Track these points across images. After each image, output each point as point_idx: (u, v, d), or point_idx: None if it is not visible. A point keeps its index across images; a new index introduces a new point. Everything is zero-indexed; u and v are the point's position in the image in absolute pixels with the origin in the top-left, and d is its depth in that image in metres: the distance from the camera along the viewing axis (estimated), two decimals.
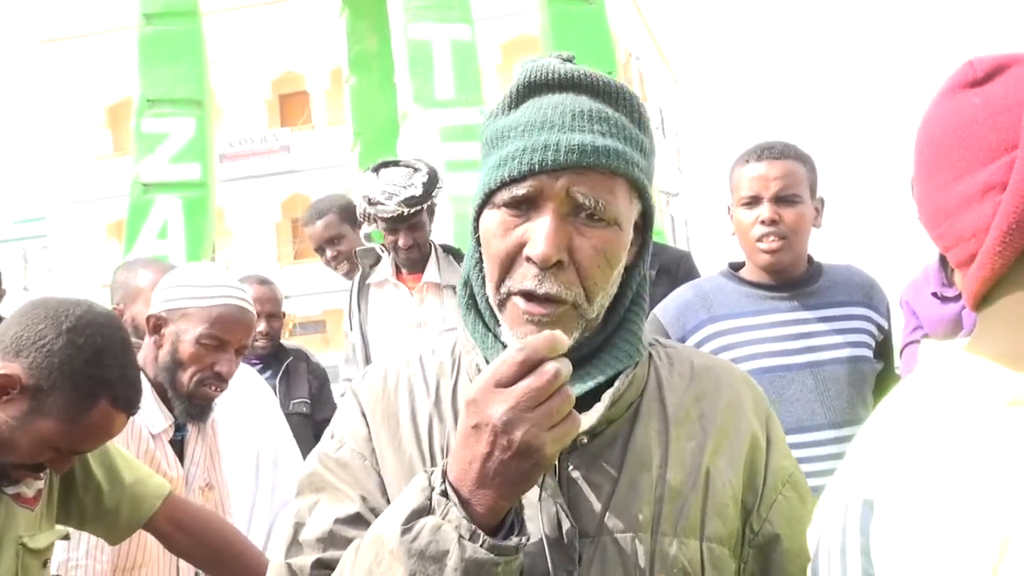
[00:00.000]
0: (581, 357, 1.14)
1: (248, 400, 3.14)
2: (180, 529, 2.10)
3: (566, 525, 1.09)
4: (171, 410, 2.38)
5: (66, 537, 2.03)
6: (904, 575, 0.85)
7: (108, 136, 29.21)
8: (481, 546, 0.96)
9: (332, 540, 1.12)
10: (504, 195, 1.10)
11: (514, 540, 0.98)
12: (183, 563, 2.30)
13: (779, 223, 2.36)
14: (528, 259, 1.08)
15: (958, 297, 3.43)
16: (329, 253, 4.15)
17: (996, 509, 0.81)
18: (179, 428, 2.43)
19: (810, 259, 2.51)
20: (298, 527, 1.16)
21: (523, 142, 1.09)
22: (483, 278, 1.17)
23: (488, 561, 0.96)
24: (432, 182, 3.48)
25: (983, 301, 0.97)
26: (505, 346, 1.12)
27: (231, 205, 27.03)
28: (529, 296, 1.09)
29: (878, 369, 2.46)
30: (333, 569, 1.08)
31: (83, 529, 2.08)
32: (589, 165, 1.08)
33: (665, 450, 1.16)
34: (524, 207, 1.10)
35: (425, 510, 0.98)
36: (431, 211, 3.59)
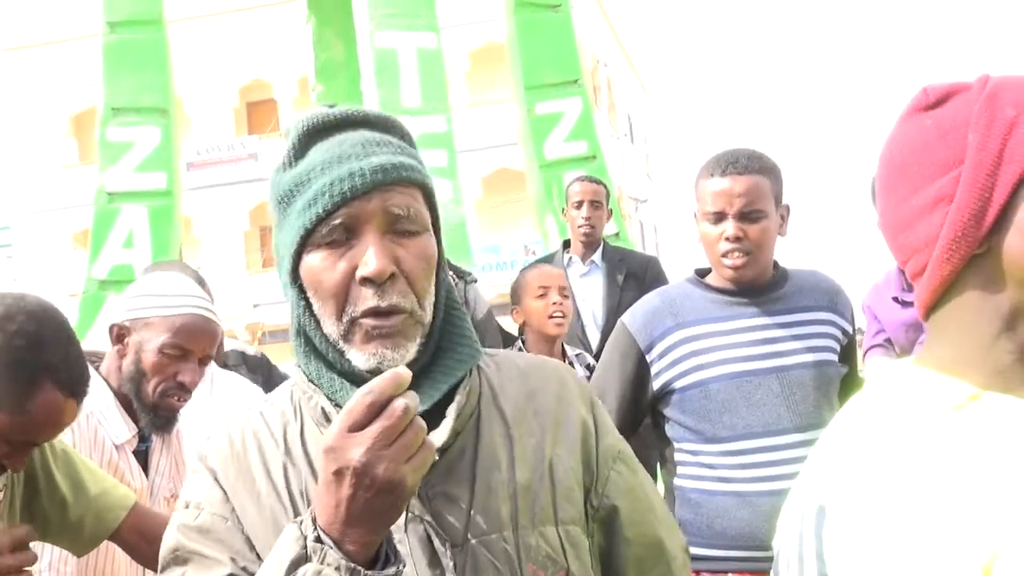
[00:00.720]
0: (419, 371, 1.19)
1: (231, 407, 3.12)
2: (146, 540, 2.08)
3: (436, 540, 1.16)
4: (135, 421, 2.36)
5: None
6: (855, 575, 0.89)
7: (73, 145, 28.94)
8: None
9: None
10: (322, 231, 1.15)
11: (391, 569, 1.02)
12: (150, 573, 2.28)
13: (743, 240, 2.37)
14: (364, 280, 1.14)
15: None
16: None
17: (939, 513, 0.86)
18: (143, 439, 2.41)
19: (776, 265, 2.52)
20: None
21: (326, 178, 1.15)
22: (316, 322, 1.20)
23: None
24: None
25: (933, 309, 1.04)
26: (352, 377, 1.18)
27: (199, 213, 26.86)
28: (374, 313, 1.14)
29: (843, 373, 2.48)
30: None
31: (47, 541, 2.06)
32: (393, 181, 1.16)
33: (510, 451, 1.25)
34: (343, 238, 1.15)
35: (303, 559, 1.01)
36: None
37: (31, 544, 2.00)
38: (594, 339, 4.35)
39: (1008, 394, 0.96)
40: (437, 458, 1.16)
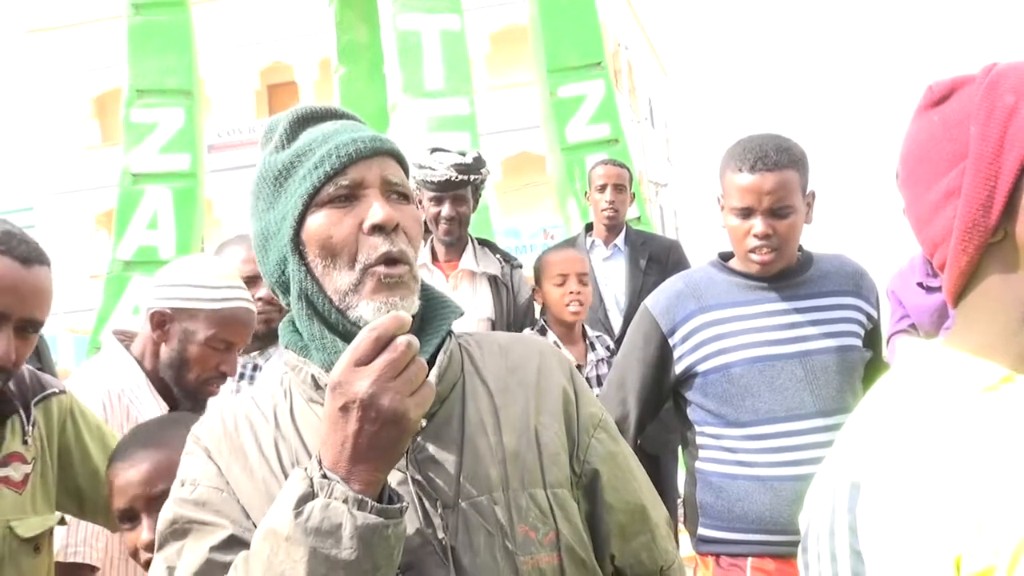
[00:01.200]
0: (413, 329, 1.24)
1: None
2: None
3: (427, 501, 1.20)
4: (168, 402, 2.39)
5: (62, 522, 2.04)
6: (888, 551, 0.90)
7: (96, 126, 29.04)
8: (370, 512, 1.03)
9: (210, 569, 1.15)
10: (329, 190, 1.22)
11: (397, 504, 1.07)
12: None
13: (772, 236, 2.37)
14: (373, 229, 1.21)
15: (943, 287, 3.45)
16: None
17: (972, 491, 0.87)
18: None
19: (800, 248, 2.51)
20: (171, 571, 1.19)
21: (328, 146, 1.24)
22: (318, 285, 1.24)
23: (380, 524, 1.03)
24: (481, 161, 3.66)
25: (959, 297, 1.06)
26: (349, 339, 1.17)
27: (220, 195, 26.94)
28: (388, 259, 1.21)
29: (867, 358, 2.47)
30: None
31: (83, 517, 2.09)
32: (388, 151, 1.26)
33: (496, 418, 1.29)
34: (348, 198, 1.23)
35: (310, 496, 1.04)
36: (476, 192, 3.70)
37: (66, 519, 2.04)
38: (616, 322, 4.35)
39: None
40: (424, 424, 1.24)
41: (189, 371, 2.33)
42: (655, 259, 4.44)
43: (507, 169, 25.08)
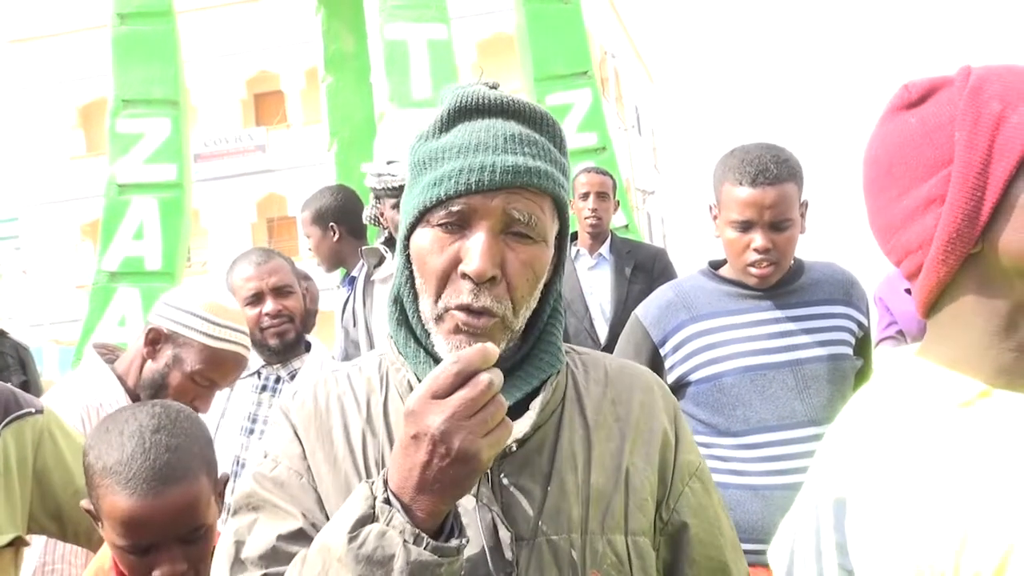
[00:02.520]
0: (505, 370, 1.19)
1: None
2: None
3: (502, 530, 1.15)
4: None
5: (13, 543, 1.96)
6: (879, 567, 0.90)
7: (81, 136, 28.95)
8: (425, 548, 1.00)
9: (275, 556, 1.14)
10: (439, 213, 1.16)
11: (455, 542, 1.03)
12: None
13: (772, 250, 2.36)
14: (464, 275, 1.14)
15: None
16: (309, 244, 4.27)
17: (955, 507, 0.87)
18: None
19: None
20: (239, 545, 1.17)
21: (458, 163, 1.15)
22: (414, 295, 1.22)
23: (432, 563, 1.00)
24: None
25: (932, 308, 1.04)
26: (436, 360, 1.19)
27: (206, 205, 26.87)
28: (466, 309, 1.15)
29: (858, 366, 2.47)
30: None
31: (65, 539, 2.05)
32: (522, 185, 1.15)
33: (588, 453, 1.24)
34: (457, 226, 1.16)
35: (369, 518, 1.02)
36: None
37: (25, 539, 1.99)
38: (602, 332, 4.33)
39: (1014, 391, 0.96)
40: (515, 449, 1.19)
41: (165, 396, 2.29)
42: (641, 268, 4.43)
43: None
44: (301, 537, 1.13)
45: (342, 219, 4.07)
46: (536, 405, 1.21)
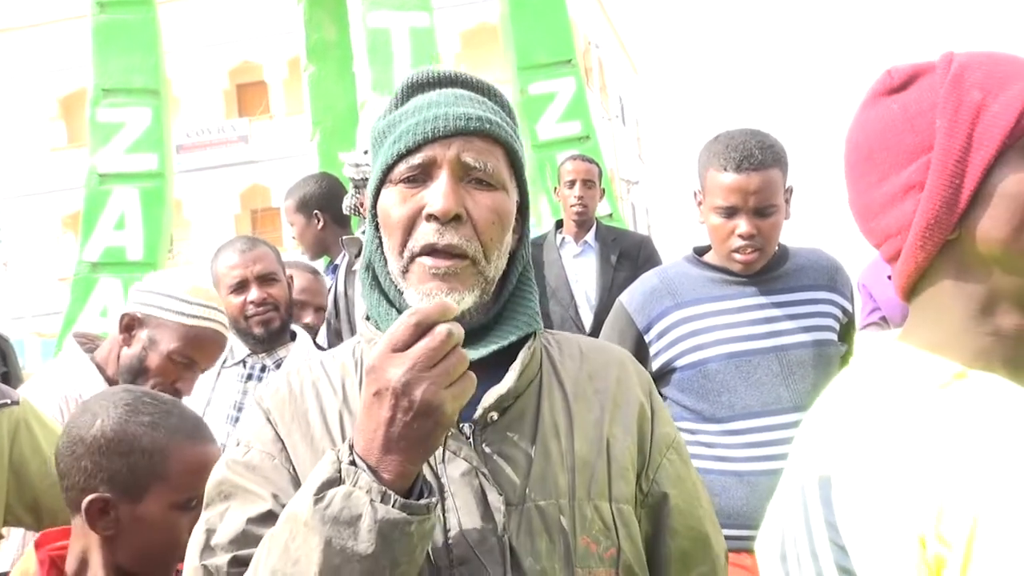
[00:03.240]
0: (479, 328, 1.22)
1: None
2: None
3: (491, 495, 1.15)
4: None
5: None
6: (867, 539, 0.92)
7: (62, 127, 28.76)
8: (393, 506, 0.99)
9: (245, 540, 1.12)
10: (401, 169, 1.19)
11: (424, 501, 1.02)
12: None
13: (756, 236, 2.35)
14: (428, 217, 1.16)
15: None
16: (293, 232, 4.27)
17: (932, 478, 0.89)
18: None
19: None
20: (209, 533, 1.16)
21: (414, 119, 1.20)
22: (384, 259, 1.23)
23: (401, 520, 0.99)
24: None
25: (912, 292, 1.06)
26: None
27: (189, 196, 26.75)
28: (432, 251, 1.16)
29: (843, 352, 2.47)
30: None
31: (41, 528, 2.04)
32: (475, 131, 1.19)
33: (570, 422, 1.24)
34: (420, 178, 1.19)
35: (335, 481, 1.01)
36: None
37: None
38: (587, 319, 4.34)
39: (991, 372, 0.97)
40: (496, 418, 1.20)
41: (146, 380, 2.29)
42: (626, 255, 4.43)
43: None
44: (271, 518, 1.11)
45: (326, 207, 4.05)
46: (516, 365, 1.21)
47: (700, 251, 2.56)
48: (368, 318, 1.27)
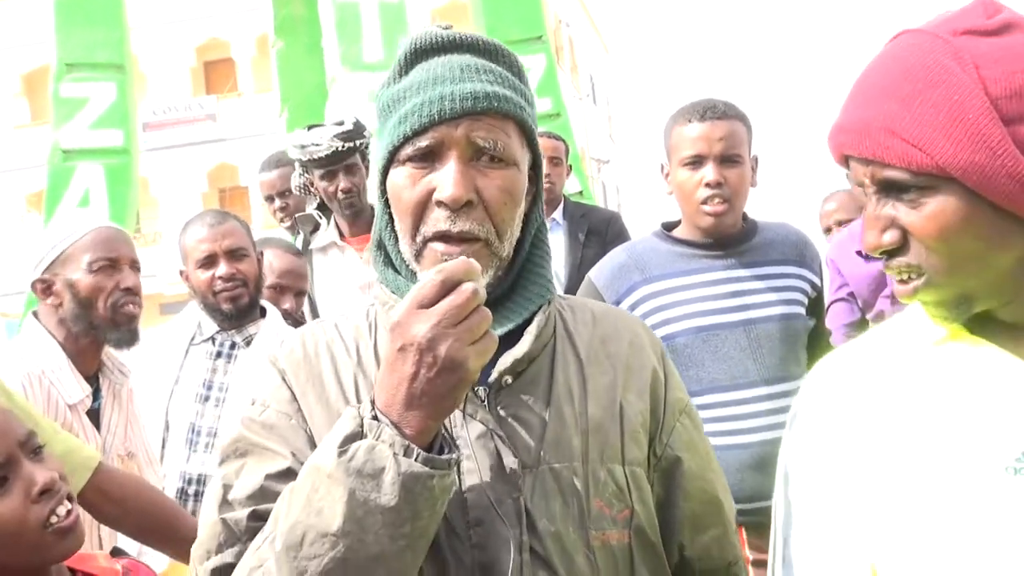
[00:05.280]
0: (494, 300, 1.20)
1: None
2: (109, 500, 2.06)
3: (507, 457, 1.16)
4: (88, 379, 2.34)
5: None
6: (871, 471, 1.08)
7: (25, 104, 28.34)
8: (416, 460, 1.00)
9: (264, 495, 1.14)
10: (408, 150, 1.17)
11: (447, 456, 1.03)
12: (105, 530, 2.26)
13: (723, 185, 2.37)
14: (439, 203, 1.15)
15: None
16: (278, 203, 4.24)
17: (922, 429, 1.05)
18: (95, 397, 2.42)
19: (745, 216, 2.52)
20: (227, 488, 1.17)
21: (419, 98, 1.17)
22: (395, 237, 1.23)
23: (424, 474, 1.00)
24: (362, 125, 3.57)
25: None
26: None
27: (156, 174, 26.49)
28: (445, 237, 1.16)
29: (810, 326, 2.48)
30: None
31: None
32: (483, 110, 1.16)
33: (583, 386, 1.25)
34: (428, 159, 1.17)
35: (358, 435, 1.02)
36: (364, 159, 3.60)
37: None
38: None
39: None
40: (510, 382, 1.21)
41: (94, 305, 2.35)
42: (594, 231, 4.42)
43: None
44: (290, 475, 1.12)
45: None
46: (532, 329, 1.22)
47: (669, 226, 2.56)
48: (380, 282, 1.28)
